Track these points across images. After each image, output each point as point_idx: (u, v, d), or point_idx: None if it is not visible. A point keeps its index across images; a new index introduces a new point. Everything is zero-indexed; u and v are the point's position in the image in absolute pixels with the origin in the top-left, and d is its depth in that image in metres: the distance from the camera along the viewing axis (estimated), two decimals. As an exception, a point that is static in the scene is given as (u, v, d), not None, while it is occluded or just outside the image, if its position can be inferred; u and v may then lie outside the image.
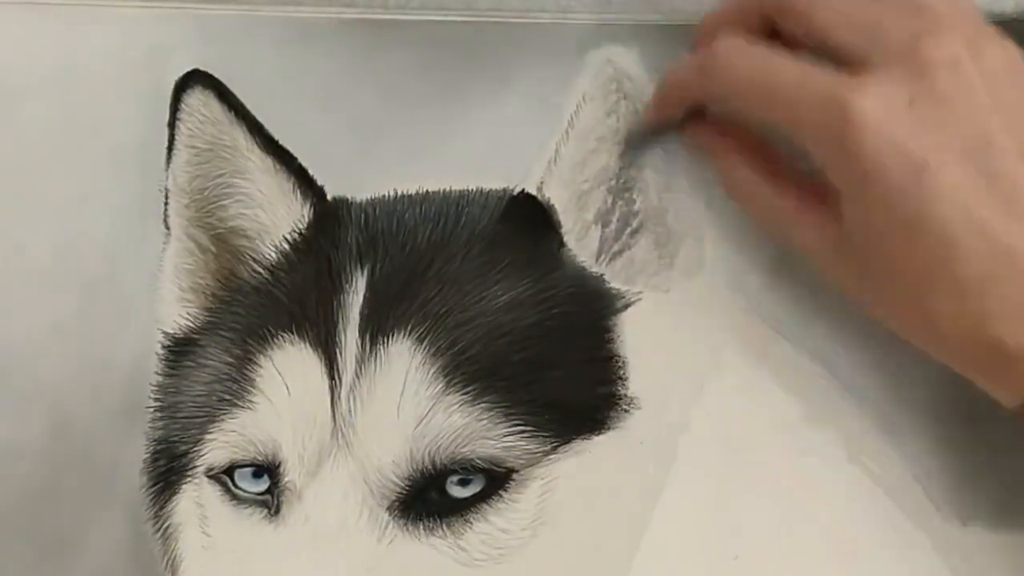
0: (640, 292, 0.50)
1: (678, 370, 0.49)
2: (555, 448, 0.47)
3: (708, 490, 0.48)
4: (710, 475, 0.48)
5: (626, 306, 0.49)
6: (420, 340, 0.47)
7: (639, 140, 0.50)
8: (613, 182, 0.50)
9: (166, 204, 0.50)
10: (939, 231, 0.39)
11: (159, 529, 0.49)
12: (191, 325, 0.50)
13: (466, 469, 0.46)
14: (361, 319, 0.47)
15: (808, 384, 0.49)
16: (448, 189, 0.50)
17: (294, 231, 0.50)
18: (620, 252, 0.50)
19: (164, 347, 0.50)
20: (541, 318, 0.48)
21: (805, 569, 0.48)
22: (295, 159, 0.50)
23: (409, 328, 0.47)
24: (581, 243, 0.50)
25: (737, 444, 0.49)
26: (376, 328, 0.47)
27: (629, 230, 0.50)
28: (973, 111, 0.40)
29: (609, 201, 0.50)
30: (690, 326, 0.50)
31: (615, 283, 0.50)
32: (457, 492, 0.46)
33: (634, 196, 0.51)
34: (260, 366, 0.48)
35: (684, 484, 0.48)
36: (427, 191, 0.50)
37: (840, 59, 0.42)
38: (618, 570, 0.47)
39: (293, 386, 0.47)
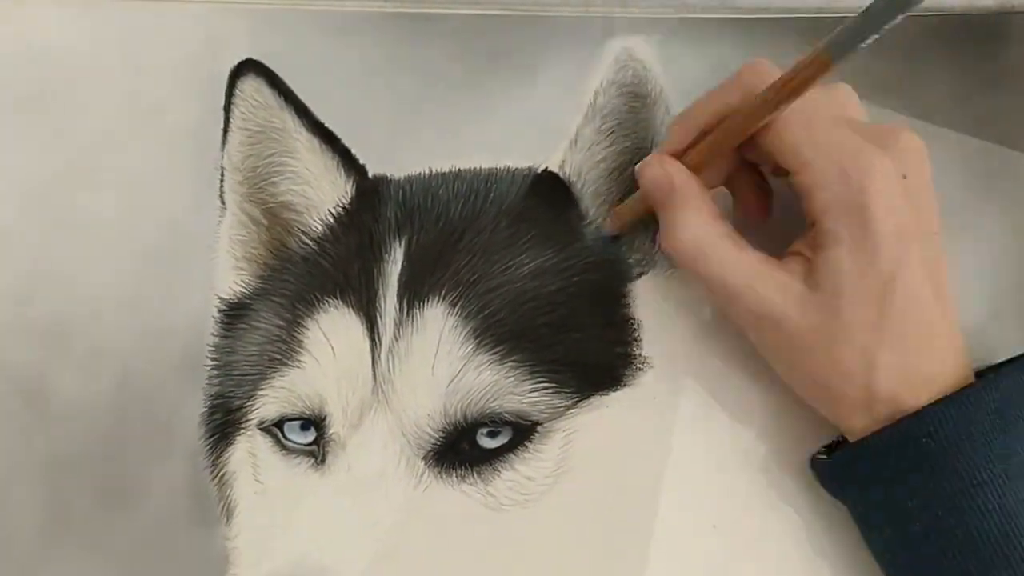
0: (653, 262, 0.51)
1: (689, 332, 0.50)
2: (576, 403, 0.48)
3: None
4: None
5: (640, 274, 0.50)
6: (453, 305, 0.48)
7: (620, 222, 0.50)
8: (629, 163, 0.51)
9: (221, 181, 0.52)
10: (899, 300, 0.42)
11: (215, 477, 0.50)
12: (245, 291, 0.51)
13: (495, 422, 0.47)
14: (399, 286, 0.49)
15: None
16: (478, 167, 0.51)
17: (338, 206, 0.51)
18: (634, 229, 0.51)
19: (220, 311, 0.51)
20: (563, 285, 0.49)
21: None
22: (339, 140, 0.51)
23: (443, 294, 0.48)
24: (599, 219, 0.51)
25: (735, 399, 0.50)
26: (413, 294, 0.48)
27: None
28: (931, 201, 0.44)
29: (625, 180, 0.51)
30: (699, 293, 0.50)
31: (631, 254, 0.51)
32: (486, 443, 0.47)
33: None
34: (307, 329, 0.49)
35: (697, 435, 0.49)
36: (459, 169, 0.51)
37: None
38: (634, 513, 0.48)
39: (337, 347, 0.48)
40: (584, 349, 0.49)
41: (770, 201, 0.49)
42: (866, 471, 0.44)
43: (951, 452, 0.41)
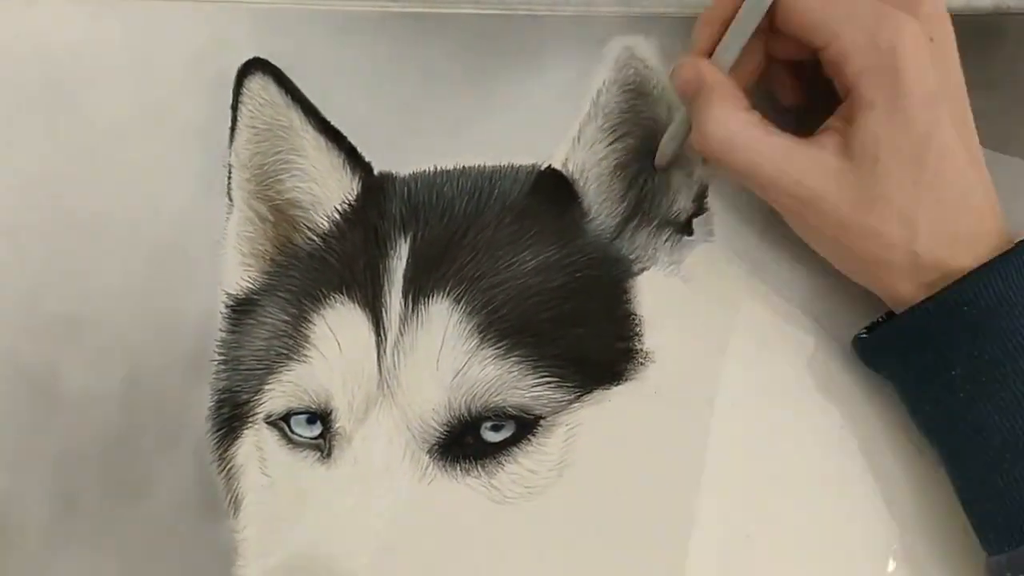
0: (655, 258, 0.51)
1: (689, 328, 0.51)
2: (578, 397, 0.48)
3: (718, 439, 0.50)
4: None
5: (642, 270, 0.51)
6: (457, 300, 0.48)
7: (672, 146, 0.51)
8: (631, 161, 0.51)
9: (229, 178, 0.52)
10: (933, 161, 0.43)
11: (223, 470, 0.50)
12: (251, 287, 0.51)
13: (498, 416, 0.47)
14: (404, 282, 0.49)
15: (812, 348, 0.51)
16: (482, 165, 0.52)
17: (344, 202, 0.51)
18: (638, 226, 0.51)
19: (227, 307, 0.51)
20: (566, 281, 0.49)
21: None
22: (345, 138, 0.51)
23: (447, 290, 0.49)
24: (601, 215, 0.51)
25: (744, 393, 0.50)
26: (418, 290, 0.49)
27: (645, 205, 0.51)
28: (956, 61, 0.44)
29: (627, 178, 0.51)
30: (701, 288, 0.51)
31: (632, 251, 0.51)
32: (490, 437, 0.48)
33: (650, 175, 0.52)
34: (314, 324, 0.49)
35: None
36: (463, 166, 0.52)
37: None
38: (635, 506, 0.49)
39: (343, 342, 0.49)
40: (587, 344, 0.49)
41: (803, 86, 0.49)
42: (910, 342, 0.45)
43: (991, 318, 0.42)
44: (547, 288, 0.49)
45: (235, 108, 0.52)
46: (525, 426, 0.48)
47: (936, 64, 0.43)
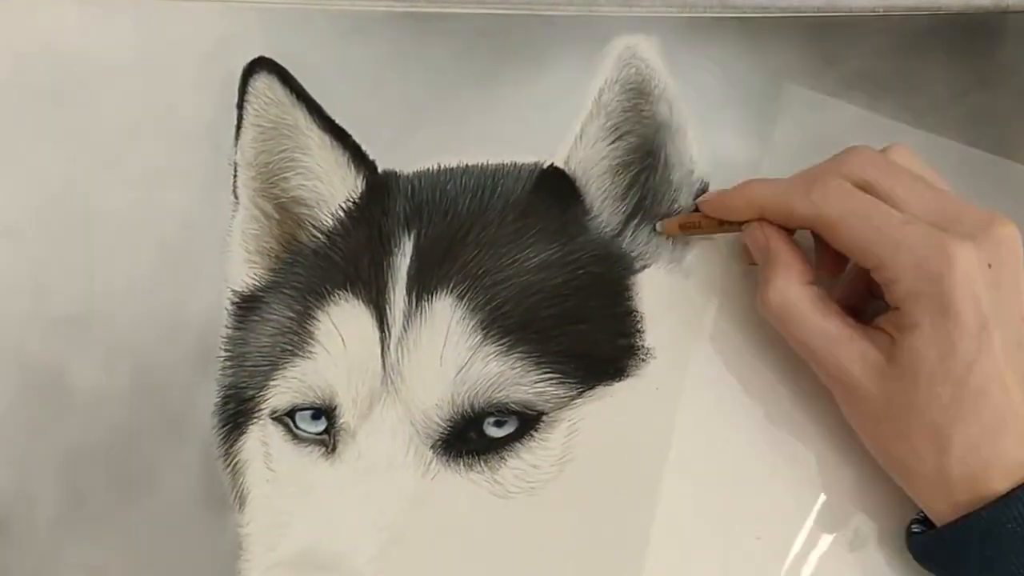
0: (656, 256, 0.51)
1: (689, 325, 0.51)
2: (580, 393, 0.49)
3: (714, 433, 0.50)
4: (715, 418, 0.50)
5: (643, 267, 0.51)
6: (460, 297, 0.49)
7: (674, 228, 0.51)
8: (632, 159, 0.51)
9: (235, 177, 0.52)
10: (976, 383, 0.42)
11: (229, 465, 0.50)
12: (257, 284, 0.52)
13: (501, 412, 0.48)
14: (408, 279, 0.49)
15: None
16: (485, 163, 0.52)
17: (348, 200, 0.51)
18: (640, 224, 0.51)
19: (233, 303, 0.51)
20: (568, 278, 0.50)
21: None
22: (349, 136, 0.52)
23: (451, 287, 0.49)
24: (603, 213, 0.51)
25: (737, 390, 0.51)
26: (421, 287, 0.49)
27: (647, 203, 0.51)
28: (1019, 289, 0.44)
29: (628, 176, 0.51)
30: (701, 286, 0.51)
31: (634, 248, 0.51)
32: (493, 432, 0.48)
33: (652, 173, 0.52)
34: (318, 320, 0.50)
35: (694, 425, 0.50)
36: (467, 165, 0.52)
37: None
38: (636, 501, 0.49)
39: (348, 338, 0.49)
40: (588, 340, 0.50)
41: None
42: (953, 555, 0.44)
43: None
44: (549, 285, 0.50)
45: (241, 107, 0.52)
46: (527, 422, 0.48)
47: (991, 289, 0.42)
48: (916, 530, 0.47)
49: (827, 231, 0.45)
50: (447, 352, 0.48)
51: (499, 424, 0.48)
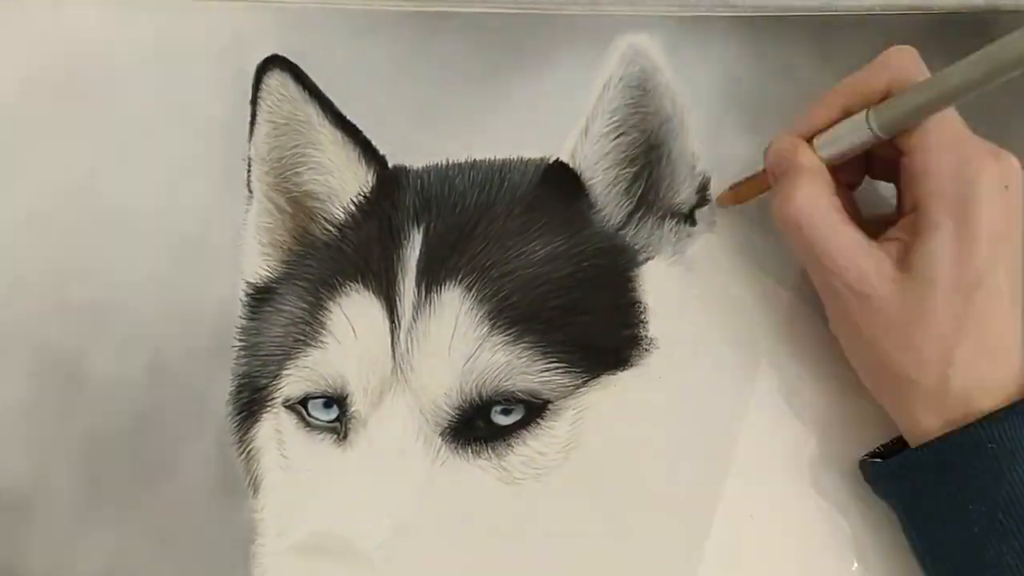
0: (659, 248, 0.52)
1: (691, 315, 0.51)
2: (585, 382, 0.49)
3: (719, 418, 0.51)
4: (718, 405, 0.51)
5: (647, 259, 0.51)
6: (468, 289, 0.49)
7: (732, 199, 0.52)
8: (636, 154, 0.52)
9: (249, 171, 0.53)
10: (983, 297, 0.43)
11: (243, 452, 0.51)
12: (270, 276, 0.52)
13: (508, 400, 0.48)
14: (417, 271, 0.50)
15: (808, 333, 0.51)
16: (493, 158, 0.53)
17: (359, 194, 0.52)
18: (643, 217, 0.52)
19: (247, 295, 0.52)
20: (573, 270, 0.50)
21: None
22: (360, 132, 0.52)
23: (459, 278, 0.49)
24: (608, 207, 0.52)
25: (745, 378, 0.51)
26: (430, 278, 0.50)
27: (650, 197, 0.52)
28: (1019, 216, 0.45)
29: (632, 171, 0.52)
30: (703, 277, 0.52)
31: (637, 241, 0.52)
32: (500, 420, 0.49)
33: (655, 168, 0.52)
34: (330, 311, 0.50)
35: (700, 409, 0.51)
36: (475, 160, 0.53)
37: None
38: (639, 486, 0.50)
39: (358, 328, 0.50)
40: (593, 331, 0.50)
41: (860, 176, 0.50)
42: (928, 472, 0.45)
43: (1016, 457, 0.42)
44: (555, 277, 0.50)
45: (254, 104, 0.53)
46: (534, 410, 0.49)
47: (1005, 210, 0.44)
48: (876, 458, 0.48)
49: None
50: (455, 342, 0.49)
51: (506, 412, 0.49)
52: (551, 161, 0.52)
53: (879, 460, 0.48)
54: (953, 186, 0.44)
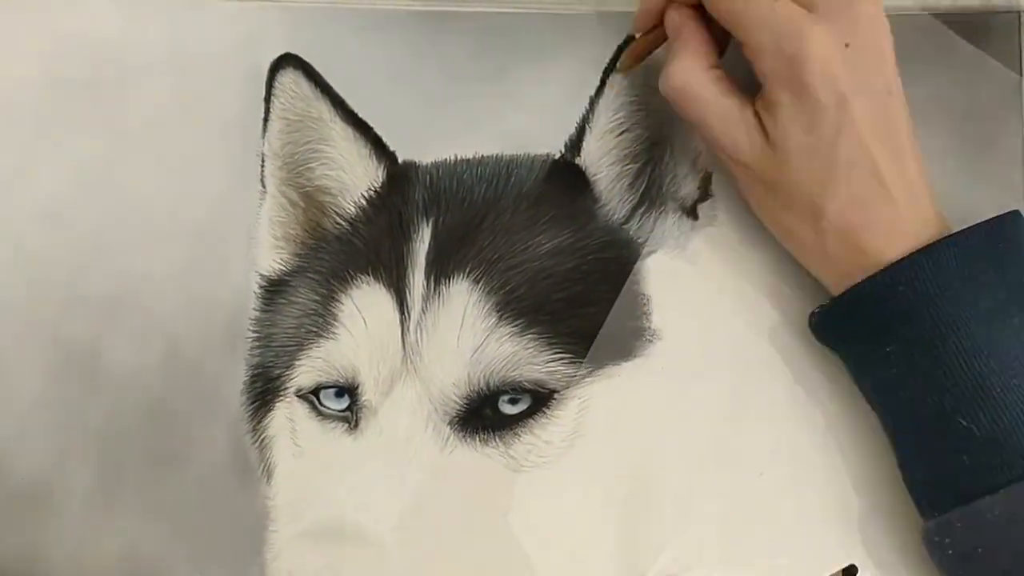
0: (662, 242, 0.52)
1: (693, 307, 0.52)
2: (590, 372, 0.50)
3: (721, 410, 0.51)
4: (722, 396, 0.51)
5: (650, 253, 0.52)
6: (476, 281, 0.50)
7: (631, 61, 0.51)
8: (640, 150, 0.52)
9: (262, 167, 0.53)
10: (843, 156, 0.44)
11: (256, 440, 0.52)
12: (283, 268, 0.53)
13: (515, 390, 0.49)
14: (427, 263, 0.51)
15: (805, 323, 0.50)
16: (500, 154, 0.53)
17: (370, 189, 0.53)
18: (647, 212, 0.52)
19: (260, 287, 0.53)
20: (578, 263, 0.51)
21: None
22: (371, 128, 0.53)
23: (467, 271, 0.50)
24: (612, 202, 0.52)
25: (746, 368, 0.52)
26: (439, 271, 0.50)
27: (653, 192, 0.53)
28: (883, 64, 0.45)
29: (635, 167, 0.52)
30: (705, 270, 0.52)
31: (641, 234, 0.52)
32: (507, 409, 0.49)
33: (658, 164, 0.53)
34: (341, 303, 0.51)
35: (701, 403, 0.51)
36: (482, 156, 0.53)
37: None
38: (642, 474, 0.50)
39: (369, 320, 0.50)
40: (598, 322, 0.51)
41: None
42: (849, 322, 0.47)
43: (924, 299, 0.44)
44: (561, 270, 0.51)
45: (268, 101, 0.54)
46: (540, 399, 0.50)
47: (849, 69, 0.44)
48: (816, 311, 0.49)
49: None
50: (463, 333, 0.50)
51: (513, 402, 0.50)
52: (557, 157, 0.53)
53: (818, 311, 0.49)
54: (778, 65, 0.44)
